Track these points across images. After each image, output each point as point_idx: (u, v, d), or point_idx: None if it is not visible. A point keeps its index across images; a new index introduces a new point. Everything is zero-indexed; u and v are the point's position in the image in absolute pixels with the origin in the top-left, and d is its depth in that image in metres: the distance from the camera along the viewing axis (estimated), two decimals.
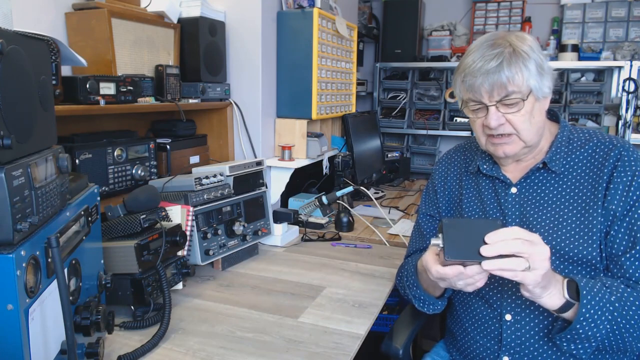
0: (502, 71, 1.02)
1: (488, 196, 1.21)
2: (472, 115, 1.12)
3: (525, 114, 1.05)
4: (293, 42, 1.97)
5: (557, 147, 1.14)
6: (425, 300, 1.20)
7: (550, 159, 1.13)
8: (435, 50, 3.56)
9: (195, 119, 1.91)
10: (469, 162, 1.29)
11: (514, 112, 1.05)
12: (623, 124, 2.98)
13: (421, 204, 1.37)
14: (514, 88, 1.03)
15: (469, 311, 1.20)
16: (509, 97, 1.04)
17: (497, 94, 1.04)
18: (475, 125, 1.13)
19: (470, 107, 1.10)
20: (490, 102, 1.05)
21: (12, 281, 0.71)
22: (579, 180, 1.11)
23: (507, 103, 1.05)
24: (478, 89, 1.05)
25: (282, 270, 1.61)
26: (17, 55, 0.76)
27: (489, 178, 1.22)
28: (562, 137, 1.15)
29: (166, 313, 1.15)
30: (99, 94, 1.32)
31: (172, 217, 1.44)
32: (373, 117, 3.04)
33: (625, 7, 3.14)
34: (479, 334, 1.17)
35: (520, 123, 1.06)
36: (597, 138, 1.13)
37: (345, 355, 1.09)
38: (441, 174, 1.33)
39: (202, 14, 1.77)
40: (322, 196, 2.01)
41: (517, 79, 1.02)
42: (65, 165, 0.88)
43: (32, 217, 0.76)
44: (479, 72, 1.03)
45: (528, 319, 1.09)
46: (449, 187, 1.31)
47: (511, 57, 1.02)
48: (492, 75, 1.02)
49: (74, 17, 1.47)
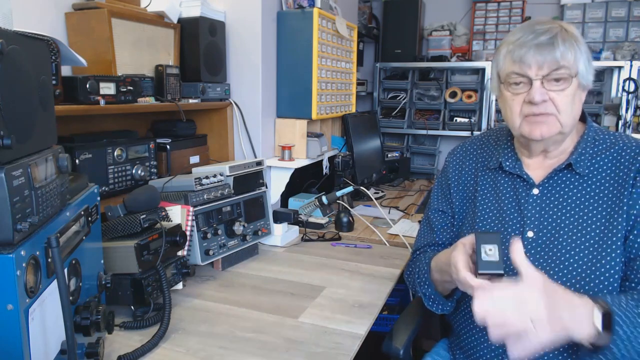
0: (557, 44, 1.00)
1: (507, 195, 1.16)
2: (512, 91, 1.07)
3: (569, 96, 1.02)
4: (293, 42, 1.97)
5: (583, 147, 1.09)
6: (435, 299, 1.18)
7: (576, 160, 1.09)
8: (435, 50, 3.57)
9: (195, 119, 1.91)
10: (487, 157, 1.23)
11: (559, 89, 1.02)
12: (623, 124, 2.98)
13: (432, 199, 1.33)
14: (565, 64, 1.00)
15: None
16: (557, 71, 1.01)
17: (548, 67, 1.01)
18: (513, 104, 1.07)
19: (512, 81, 1.06)
20: (537, 75, 1.02)
21: (12, 281, 0.71)
22: (604, 184, 1.07)
23: (556, 77, 1.02)
24: (528, 60, 1.02)
25: (282, 270, 1.61)
26: (17, 55, 0.76)
27: (508, 176, 1.17)
28: (587, 137, 1.11)
29: (166, 313, 1.15)
30: (99, 94, 1.32)
31: (172, 217, 1.44)
32: (373, 117, 3.05)
33: (625, 7, 3.14)
34: (485, 335, 1.14)
35: (563, 103, 1.02)
36: (623, 142, 1.09)
37: (345, 355, 1.09)
38: (455, 167, 1.28)
39: (202, 14, 1.77)
40: (322, 196, 2.01)
41: (568, 57, 1.00)
42: (65, 165, 0.88)
43: (32, 217, 0.76)
44: (532, 42, 1.01)
45: None
46: (464, 182, 1.26)
47: (565, 34, 1.01)
48: (545, 47, 1.00)
49: (74, 17, 1.47)
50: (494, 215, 1.17)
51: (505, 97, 1.09)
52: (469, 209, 1.23)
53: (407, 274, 1.32)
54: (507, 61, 1.06)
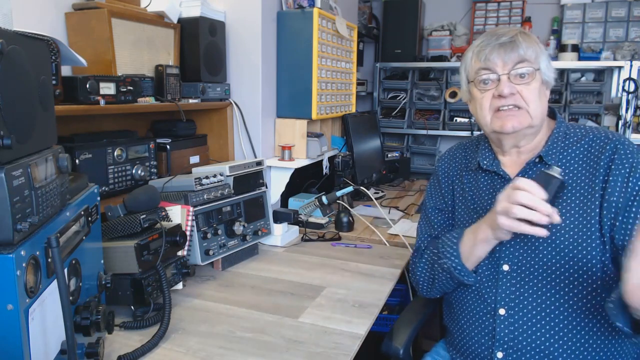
0: (518, 42, 1.09)
1: (486, 192, 1.21)
2: (481, 88, 1.13)
3: (535, 90, 1.09)
4: (293, 42, 1.97)
5: (553, 141, 1.15)
6: (462, 270, 1.16)
7: (547, 152, 1.14)
8: (435, 50, 3.56)
9: (195, 119, 1.91)
10: (469, 159, 1.30)
11: (525, 82, 1.09)
12: (623, 124, 2.98)
13: (428, 199, 1.37)
14: (528, 58, 1.09)
15: (464, 307, 1.21)
16: (522, 64, 1.08)
17: (512, 62, 1.09)
18: (483, 101, 1.13)
19: (480, 78, 1.12)
20: (504, 70, 1.09)
21: (12, 281, 0.71)
22: (576, 175, 1.11)
23: (521, 73, 1.08)
24: (494, 59, 1.10)
25: (282, 270, 1.61)
26: (17, 55, 0.76)
27: (487, 175, 1.23)
28: (558, 132, 1.16)
29: (166, 313, 1.15)
30: (99, 94, 1.32)
31: (172, 217, 1.44)
32: (373, 117, 3.04)
33: (625, 7, 3.14)
34: (473, 330, 1.18)
35: (531, 96, 1.09)
36: (593, 133, 1.14)
37: (345, 355, 1.09)
38: (444, 170, 1.35)
39: (202, 14, 1.77)
40: (322, 196, 2.01)
41: (530, 53, 1.09)
42: (65, 165, 0.88)
43: (32, 217, 0.76)
44: (495, 43, 1.10)
45: (522, 314, 1.10)
46: (451, 184, 1.32)
47: (525, 35, 1.11)
48: (507, 45, 1.09)
49: (74, 17, 1.47)
50: (477, 212, 1.22)
51: (475, 96, 1.16)
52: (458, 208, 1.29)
53: (413, 267, 1.33)
54: (474, 61, 1.14)
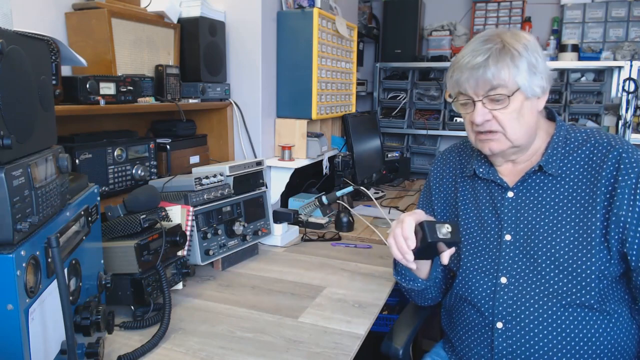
0: (488, 67, 1.02)
1: (484, 200, 1.18)
2: (462, 110, 1.11)
3: (513, 112, 1.05)
4: (293, 42, 1.97)
5: (553, 148, 1.11)
6: (405, 274, 1.23)
7: (546, 161, 1.10)
8: (435, 50, 3.56)
9: (195, 119, 1.91)
10: (464, 164, 1.26)
11: (500, 108, 1.05)
12: (623, 124, 2.98)
13: (419, 202, 1.39)
14: (500, 83, 1.02)
15: (462, 319, 1.20)
16: (494, 91, 1.03)
17: (482, 89, 1.04)
18: (466, 122, 1.12)
19: (460, 102, 1.10)
20: (477, 97, 1.05)
21: (12, 281, 0.71)
22: (577, 184, 1.08)
23: (493, 98, 1.04)
24: (464, 84, 1.06)
25: (282, 270, 1.61)
26: (17, 55, 0.76)
27: (484, 182, 1.19)
28: (558, 138, 1.12)
29: (166, 313, 1.15)
30: (99, 94, 1.32)
31: (172, 217, 1.44)
32: (373, 117, 3.04)
33: (625, 7, 3.14)
34: (472, 342, 1.16)
35: (507, 120, 1.05)
36: (595, 138, 1.10)
37: (345, 355, 1.09)
38: (436, 175, 1.32)
39: (202, 14, 1.77)
40: (322, 196, 2.01)
41: (502, 75, 1.02)
42: (65, 165, 0.88)
43: (32, 217, 0.76)
44: (466, 67, 1.04)
45: (519, 327, 1.07)
46: (445, 190, 1.29)
47: (499, 53, 1.02)
48: (477, 70, 1.03)
49: (74, 17, 1.47)
50: (474, 222, 1.20)
51: (460, 112, 1.14)
52: (452, 215, 1.26)
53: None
54: (452, 84, 1.10)
